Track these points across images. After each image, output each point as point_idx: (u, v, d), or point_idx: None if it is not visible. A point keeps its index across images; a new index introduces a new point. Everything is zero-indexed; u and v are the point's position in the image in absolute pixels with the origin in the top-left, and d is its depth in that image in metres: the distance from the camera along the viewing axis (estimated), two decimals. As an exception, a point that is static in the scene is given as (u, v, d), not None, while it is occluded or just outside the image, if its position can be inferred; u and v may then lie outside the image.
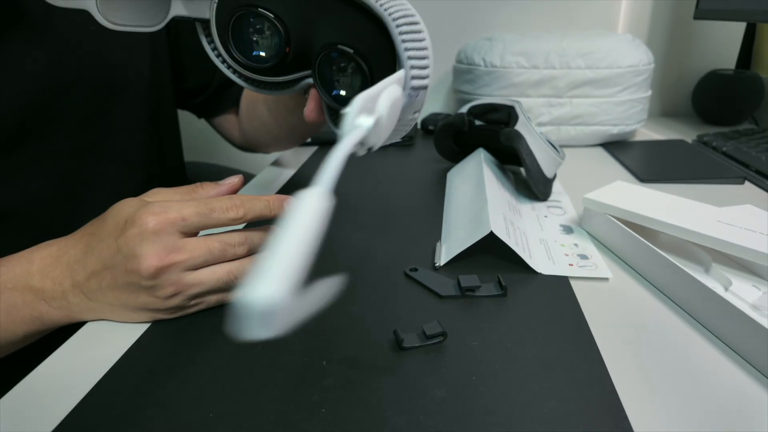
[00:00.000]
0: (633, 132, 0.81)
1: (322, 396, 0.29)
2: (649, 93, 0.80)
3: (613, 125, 0.78)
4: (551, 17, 0.98)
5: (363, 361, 0.32)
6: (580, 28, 0.98)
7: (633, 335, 0.34)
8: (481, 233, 0.42)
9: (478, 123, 0.62)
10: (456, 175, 0.62)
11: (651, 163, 0.71)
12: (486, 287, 0.39)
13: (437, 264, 0.43)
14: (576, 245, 0.47)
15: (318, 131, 0.77)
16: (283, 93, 0.42)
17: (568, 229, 0.50)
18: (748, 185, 0.62)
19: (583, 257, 0.44)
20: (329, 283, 0.22)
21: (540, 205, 0.56)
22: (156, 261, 0.32)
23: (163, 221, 0.33)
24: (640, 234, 0.42)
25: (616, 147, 0.78)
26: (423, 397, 0.29)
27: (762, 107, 0.91)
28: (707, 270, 0.41)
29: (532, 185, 0.55)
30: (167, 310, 0.35)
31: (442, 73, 1.03)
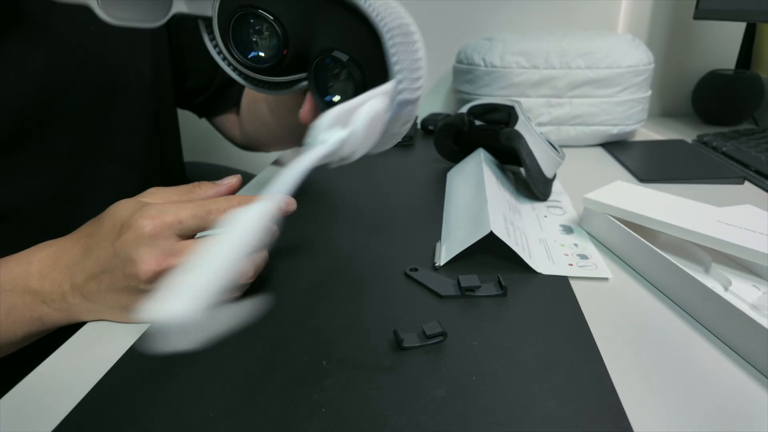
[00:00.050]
0: (633, 132, 0.81)
1: (322, 396, 0.29)
2: (649, 93, 0.80)
3: (613, 125, 0.78)
4: (551, 17, 0.98)
5: (363, 361, 0.32)
6: (580, 28, 0.98)
7: (633, 335, 0.34)
8: (481, 233, 0.42)
9: (478, 123, 0.62)
10: (456, 175, 0.62)
11: (651, 163, 0.71)
12: (486, 287, 0.39)
13: (437, 264, 0.43)
14: (576, 245, 0.47)
15: None
16: (283, 93, 0.42)
17: (568, 229, 0.50)
18: (748, 185, 0.62)
19: (583, 257, 0.44)
20: (249, 305, 0.22)
21: (540, 205, 0.56)
22: (154, 265, 0.32)
23: (160, 225, 0.32)
24: (639, 234, 0.42)
25: (616, 147, 0.78)
26: (423, 397, 0.29)
27: (762, 107, 0.91)
28: (707, 270, 0.41)
29: (532, 185, 0.55)
30: None
31: (442, 73, 1.03)
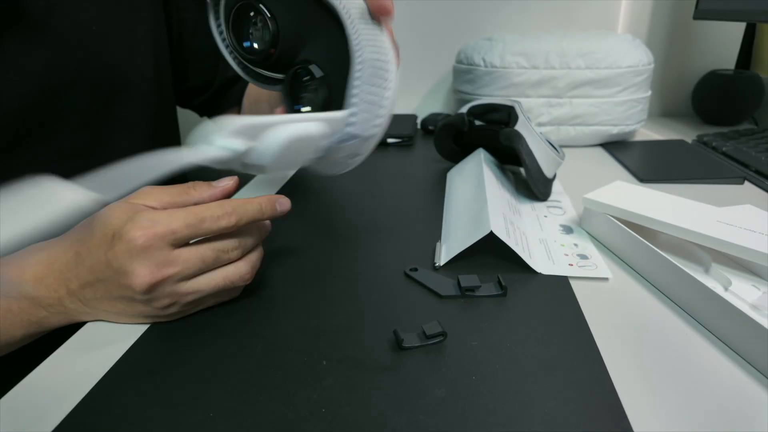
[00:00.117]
0: (633, 132, 0.81)
1: (322, 396, 0.29)
2: (649, 93, 0.80)
3: (613, 125, 0.78)
4: (551, 17, 0.98)
5: (363, 361, 0.32)
6: (580, 28, 0.98)
7: (633, 335, 0.34)
8: (481, 233, 0.42)
9: (478, 123, 0.62)
10: (456, 175, 0.62)
11: (651, 163, 0.71)
12: (486, 287, 0.39)
13: (437, 264, 0.43)
14: (576, 245, 0.47)
15: None
16: (273, 89, 0.43)
17: (567, 229, 0.50)
18: (747, 185, 0.62)
19: (583, 257, 0.44)
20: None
21: (540, 205, 0.56)
22: (148, 277, 0.32)
23: (152, 236, 0.32)
24: (640, 234, 0.42)
25: (615, 147, 0.78)
26: (423, 397, 0.29)
27: (762, 107, 0.91)
28: (707, 270, 0.41)
29: (532, 185, 0.55)
30: (166, 315, 0.35)
31: (442, 73, 1.03)
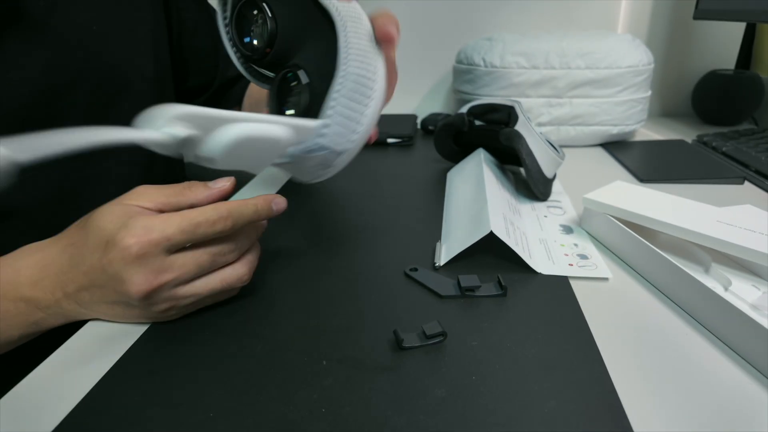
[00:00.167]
0: (633, 132, 0.81)
1: (322, 396, 0.29)
2: (649, 93, 0.80)
3: (613, 125, 0.78)
4: (551, 17, 0.98)
5: (363, 361, 0.32)
6: (580, 28, 0.98)
7: (633, 335, 0.34)
8: (481, 233, 0.42)
9: (478, 123, 0.62)
10: (456, 175, 0.62)
11: (651, 163, 0.71)
12: (486, 287, 0.39)
13: (437, 264, 0.43)
14: (576, 245, 0.47)
15: None
16: (264, 86, 0.43)
17: (567, 229, 0.50)
18: (747, 185, 0.62)
19: (583, 257, 0.44)
20: None
21: (540, 205, 0.56)
22: (145, 285, 0.32)
23: (146, 244, 0.31)
24: (639, 234, 0.42)
25: (615, 147, 0.78)
26: (423, 397, 0.29)
27: (762, 107, 0.91)
28: (707, 270, 0.41)
29: (531, 185, 0.55)
30: (165, 317, 0.35)
31: (442, 73, 1.03)
